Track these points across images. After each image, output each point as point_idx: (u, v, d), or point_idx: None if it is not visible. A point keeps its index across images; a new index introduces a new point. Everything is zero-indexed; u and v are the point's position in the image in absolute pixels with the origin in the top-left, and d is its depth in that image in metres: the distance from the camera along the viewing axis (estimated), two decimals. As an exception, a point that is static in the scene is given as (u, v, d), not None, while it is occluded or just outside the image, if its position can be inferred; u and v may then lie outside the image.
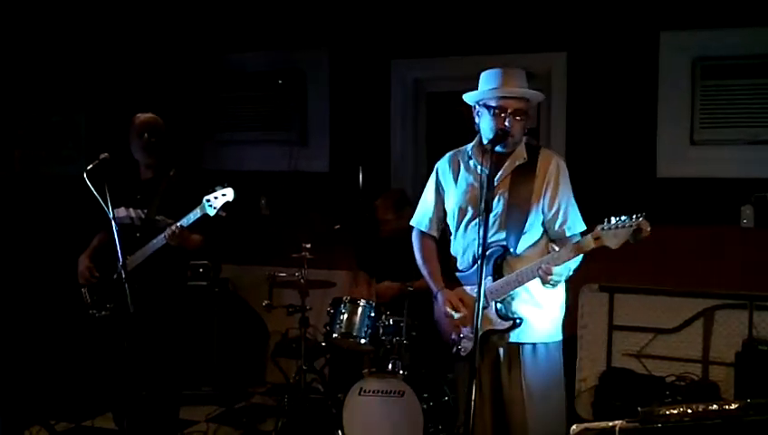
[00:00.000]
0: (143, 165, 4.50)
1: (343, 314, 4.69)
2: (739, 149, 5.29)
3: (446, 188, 3.67)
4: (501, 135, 3.35)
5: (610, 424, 2.28)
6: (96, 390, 5.37)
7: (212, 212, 4.13)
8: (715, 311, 5.25)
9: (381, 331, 4.65)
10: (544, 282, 3.22)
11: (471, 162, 3.56)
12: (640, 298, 5.42)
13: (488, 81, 3.49)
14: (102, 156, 3.99)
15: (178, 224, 4.18)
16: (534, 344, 3.44)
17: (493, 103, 3.44)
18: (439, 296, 3.64)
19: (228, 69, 6.64)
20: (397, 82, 6.22)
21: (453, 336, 3.57)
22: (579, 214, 3.44)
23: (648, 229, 3.00)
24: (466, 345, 3.49)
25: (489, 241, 3.36)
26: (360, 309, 4.69)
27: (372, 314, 4.67)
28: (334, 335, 4.70)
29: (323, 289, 5.22)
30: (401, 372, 4.44)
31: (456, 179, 3.62)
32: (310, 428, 4.97)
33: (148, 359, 4.27)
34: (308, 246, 5.00)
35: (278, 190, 6.46)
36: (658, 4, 5.40)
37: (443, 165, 3.71)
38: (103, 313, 4.39)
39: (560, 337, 3.53)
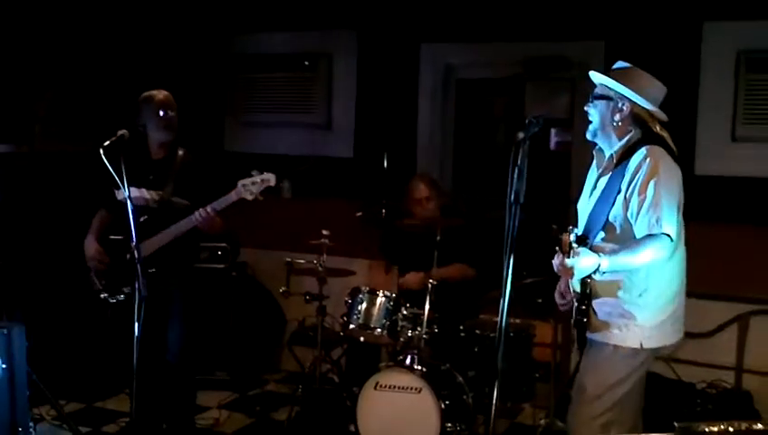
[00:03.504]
0: (157, 144, 4.38)
1: (361, 304, 4.58)
2: (784, 147, 5.07)
3: (587, 185, 3.55)
4: (529, 124, 3.12)
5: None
6: (108, 371, 5.30)
7: (250, 197, 4.07)
8: (751, 316, 5.07)
9: (400, 323, 4.51)
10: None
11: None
12: None
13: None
14: (120, 132, 3.88)
15: (209, 207, 4.09)
16: (604, 344, 3.26)
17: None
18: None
19: (254, 49, 6.51)
20: (426, 66, 6.04)
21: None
22: (666, 216, 3.12)
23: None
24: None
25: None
26: (378, 300, 4.56)
27: (391, 306, 4.53)
28: (351, 326, 4.59)
29: (343, 277, 5.07)
30: (419, 367, 4.28)
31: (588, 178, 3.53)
32: (323, 419, 4.85)
33: (163, 342, 4.24)
34: (327, 233, 4.86)
35: (301, 174, 6.33)
36: (702, -6, 5.20)
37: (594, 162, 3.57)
38: (119, 297, 4.29)
39: (636, 345, 3.22)
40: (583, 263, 3.01)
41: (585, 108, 3.38)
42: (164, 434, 4.49)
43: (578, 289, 3.23)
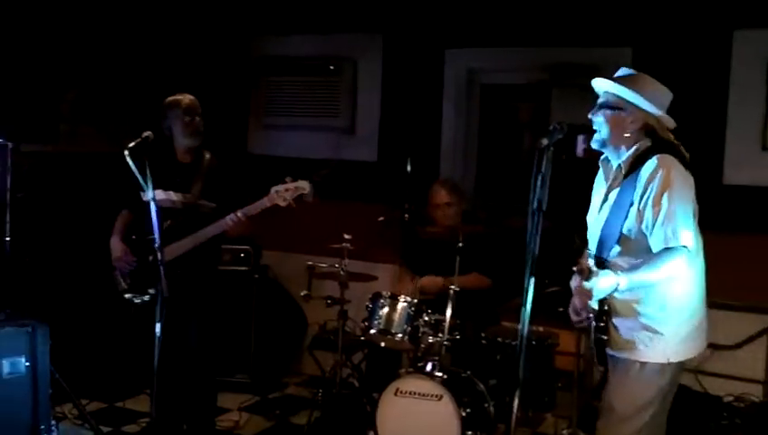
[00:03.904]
0: (184, 147, 4.40)
1: (383, 309, 4.55)
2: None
3: (595, 194, 3.49)
4: (552, 131, 3.07)
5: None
6: (130, 371, 5.32)
7: (283, 203, 4.11)
8: (781, 328, 4.98)
9: (421, 329, 4.48)
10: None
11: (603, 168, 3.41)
12: None
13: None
14: (145, 134, 3.90)
15: (241, 212, 4.11)
16: (630, 361, 3.18)
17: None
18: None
19: (278, 52, 6.51)
20: (450, 71, 6.01)
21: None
22: (681, 227, 3.05)
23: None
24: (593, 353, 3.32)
25: (595, 251, 3.21)
26: (400, 305, 4.53)
27: (413, 311, 4.50)
28: (372, 331, 4.56)
29: (364, 282, 5.05)
30: (440, 374, 4.25)
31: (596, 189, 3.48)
32: (342, 424, 4.84)
33: (186, 344, 4.26)
34: (349, 236, 4.85)
35: (324, 177, 6.31)
36: (733, 1, 5.11)
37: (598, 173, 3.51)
38: (145, 298, 4.29)
39: (663, 360, 3.16)
40: (602, 284, 2.95)
41: (590, 116, 3.29)
42: (184, 435, 4.50)
43: (596, 307, 3.17)
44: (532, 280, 2.88)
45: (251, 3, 6.51)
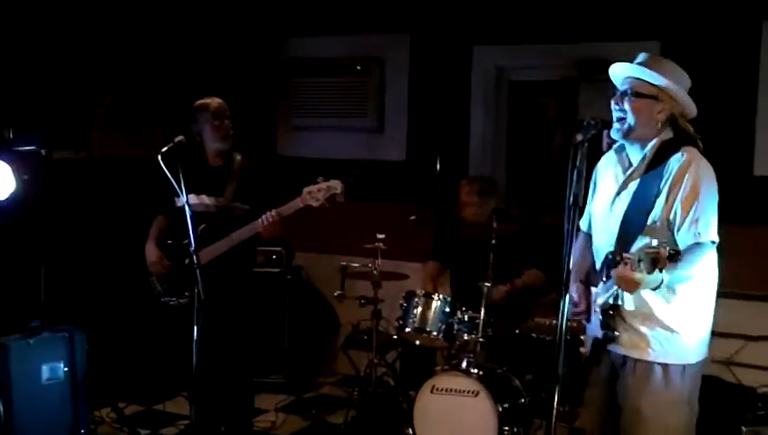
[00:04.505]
0: (215, 151, 4.43)
1: (417, 308, 4.58)
2: None
3: (599, 187, 3.39)
4: (586, 126, 2.99)
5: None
6: (167, 374, 5.38)
7: (316, 204, 4.11)
8: (813, 319, 4.97)
9: (456, 327, 4.51)
10: (620, 288, 2.93)
11: (616, 158, 3.29)
12: (731, 302, 5.01)
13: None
14: (178, 139, 3.94)
15: (274, 213, 4.12)
16: (649, 363, 3.11)
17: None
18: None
19: (306, 54, 6.55)
20: (478, 69, 6.03)
21: (581, 336, 3.34)
22: (711, 222, 3.03)
23: (664, 262, 2.66)
24: (585, 350, 3.27)
25: (610, 244, 3.13)
26: (434, 303, 4.56)
27: (447, 310, 4.53)
28: (407, 330, 4.59)
29: (397, 281, 5.07)
30: (476, 370, 4.27)
31: (602, 177, 3.37)
32: (379, 422, 4.87)
33: (223, 346, 4.27)
34: (382, 236, 4.87)
35: (354, 178, 6.34)
36: (761, -8, 5.10)
37: (600, 162, 3.42)
38: (181, 301, 4.35)
39: (684, 360, 3.12)
40: (651, 278, 2.80)
41: (615, 104, 3.16)
42: (222, 437, 4.54)
43: (609, 301, 3.12)
44: (569, 276, 2.87)
45: (278, 5, 6.55)
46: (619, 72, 3.20)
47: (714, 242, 3.02)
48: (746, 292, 5.07)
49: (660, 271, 2.69)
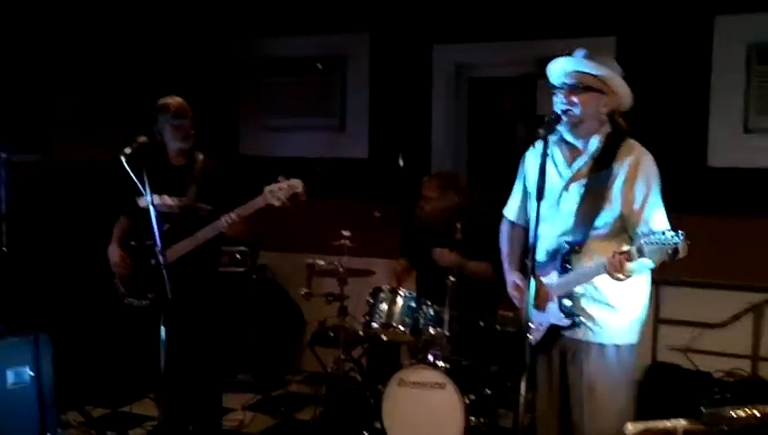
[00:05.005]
0: (176, 151, 4.41)
1: (383, 303, 4.62)
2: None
3: (529, 178, 3.49)
4: (548, 121, 3.16)
5: (670, 424, 2.15)
6: (132, 376, 5.37)
7: (277, 203, 4.10)
8: (766, 305, 5.12)
9: (422, 321, 4.56)
10: (612, 277, 3.04)
11: (554, 150, 3.37)
12: (688, 291, 5.27)
13: None
14: (140, 139, 3.90)
15: (236, 213, 4.13)
16: (603, 345, 3.26)
17: (552, 82, 3.31)
18: (508, 278, 3.53)
19: (268, 53, 6.57)
20: (438, 67, 6.10)
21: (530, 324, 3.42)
22: (662, 210, 3.19)
23: (685, 251, 2.82)
24: (535, 335, 3.37)
25: (560, 234, 3.26)
26: (400, 299, 4.61)
27: (413, 305, 4.58)
28: (374, 325, 4.63)
29: (363, 277, 5.12)
30: (442, 363, 4.33)
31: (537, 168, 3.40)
32: (348, 418, 4.89)
33: (190, 346, 4.26)
34: (347, 233, 4.91)
35: (317, 176, 6.37)
36: (714, -13, 5.24)
37: (528, 154, 3.53)
38: (144, 302, 4.34)
39: (633, 340, 3.32)
40: (640, 268, 3.02)
41: (563, 98, 3.23)
42: (191, 436, 4.55)
43: (574, 290, 3.23)
44: (534, 267, 2.95)
45: (240, 5, 6.56)
46: (563, 68, 3.28)
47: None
48: (701, 280, 5.21)
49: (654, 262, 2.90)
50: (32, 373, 4.36)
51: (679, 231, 2.83)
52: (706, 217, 5.11)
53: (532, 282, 2.93)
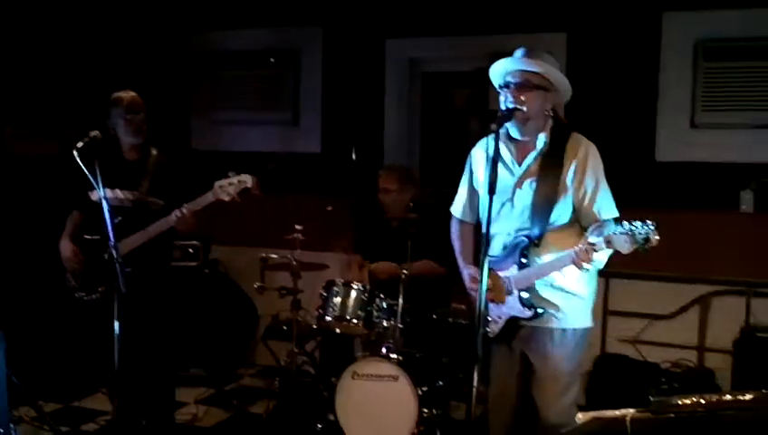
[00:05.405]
0: (129, 145, 4.39)
1: (337, 296, 4.62)
2: (740, 134, 5.23)
3: (477, 175, 3.58)
4: (501, 116, 3.24)
5: (619, 413, 2.21)
6: (84, 370, 5.32)
7: (227, 198, 4.11)
8: (713, 297, 5.25)
9: (375, 314, 4.59)
10: (579, 268, 3.16)
11: (501, 148, 3.39)
12: (636, 283, 5.37)
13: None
14: (93, 133, 3.90)
15: (186, 208, 4.13)
16: (565, 329, 3.38)
17: (495, 82, 3.39)
18: (464, 273, 3.60)
19: (220, 47, 6.53)
20: (391, 61, 6.13)
21: (488, 317, 3.49)
22: (610, 199, 3.34)
23: (656, 241, 2.99)
24: (493, 328, 3.45)
25: (516, 230, 3.36)
26: (353, 292, 4.62)
27: (366, 298, 4.60)
28: (327, 318, 4.63)
29: (316, 271, 5.13)
30: (395, 356, 4.36)
31: (486, 166, 3.46)
32: (301, 411, 4.91)
33: (142, 340, 4.23)
34: (300, 227, 4.92)
35: (270, 171, 6.36)
36: (661, -16, 5.33)
37: (474, 151, 3.62)
38: (94, 296, 4.31)
39: (589, 324, 3.46)
40: (602, 257, 3.17)
41: (511, 96, 3.29)
42: (144, 431, 4.52)
43: (535, 282, 3.32)
44: (487, 260, 2.99)
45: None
46: (506, 67, 3.36)
47: (615, 218, 3.29)
48: (649, 273, 5.31)
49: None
50: (-16, 368, 4.29)
51: (649, 221, 2.98)
52: (655, 211, 5.18)
53: (485, 276, 2.97)
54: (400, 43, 6.07)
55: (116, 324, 3.75)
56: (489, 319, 3.44)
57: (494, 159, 3.01)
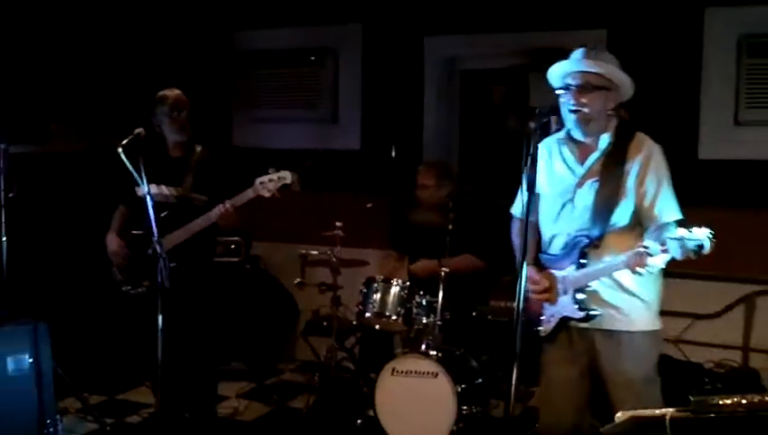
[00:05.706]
0: (173, 142, 4.47)
1: (376, 293, 4.67)
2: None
3: (538, 176, 3.43)
4: (539, 114, 3.15)
5: (659, 412, 2.18)
6: (128, 364, 5.41)
7: (267, 194, 4.17)
8: (757, 297, 5.16)
9: (414, 311, 4.61)
10: (633, 272, 3.08)
11: (563, 149, 3.41)
12: (680, 282, 5.21)
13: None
14: (137, 131, 3.97)
15: (229, 203, 4.18)
16: (632, 333, 3.29)
17: (554, 85, 3.33)
18: (523, 270, 3.55)
19: (260, 45, 6.59)
20: (430, 59, 6.13)
21: (541, 317, 3.46)
22: (673, 201, 3.25)
23: (711, 248, 2.90)
24: (546, 327, 3.40)
25: (577, 230, 3.29)
26: (393, 288, 4.66)
27: (405, 294, 4.62)
28: (367, 315, 4.68)
29: (355, 268, 5.17)
30: (434, 352, 4.38)
31: (547, 166, 3.46)
32: (341, 406, 4.95)
33: (185, 334, 4.30)
34: (340, 224, 4.95)
35: (309, 168, 6.39)
36: (705, -20, 5.26)
37: (542, 146, 3.50)
38: (140, 290, 4.38)
39: (656, 326, 3.36)
40: (660, 261, 3.04)
41: (572, 99, 3.25)
42: (187, 423, 4.58)
43: (590, 284, 3.26)
44: (526, 258, 2.98)
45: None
46: (565, 69, 3.30)
47: (677, 221, 3.21)
48: (693, 272, 5.23)
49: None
50: (30, 361, 4.39)
51: (706, 229, 2.89)
52: (698, 210, 5.14)
53: (524, 275, 2.96)
54: (438, 41, 6.07)
55: (159, 319, 3.81)
56: (542, 318, 3.40)
57: (534, 157, 3.00)
